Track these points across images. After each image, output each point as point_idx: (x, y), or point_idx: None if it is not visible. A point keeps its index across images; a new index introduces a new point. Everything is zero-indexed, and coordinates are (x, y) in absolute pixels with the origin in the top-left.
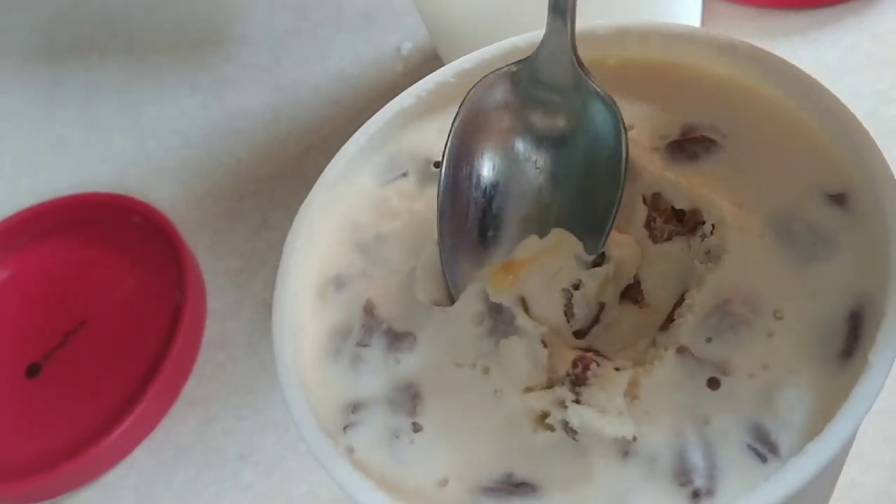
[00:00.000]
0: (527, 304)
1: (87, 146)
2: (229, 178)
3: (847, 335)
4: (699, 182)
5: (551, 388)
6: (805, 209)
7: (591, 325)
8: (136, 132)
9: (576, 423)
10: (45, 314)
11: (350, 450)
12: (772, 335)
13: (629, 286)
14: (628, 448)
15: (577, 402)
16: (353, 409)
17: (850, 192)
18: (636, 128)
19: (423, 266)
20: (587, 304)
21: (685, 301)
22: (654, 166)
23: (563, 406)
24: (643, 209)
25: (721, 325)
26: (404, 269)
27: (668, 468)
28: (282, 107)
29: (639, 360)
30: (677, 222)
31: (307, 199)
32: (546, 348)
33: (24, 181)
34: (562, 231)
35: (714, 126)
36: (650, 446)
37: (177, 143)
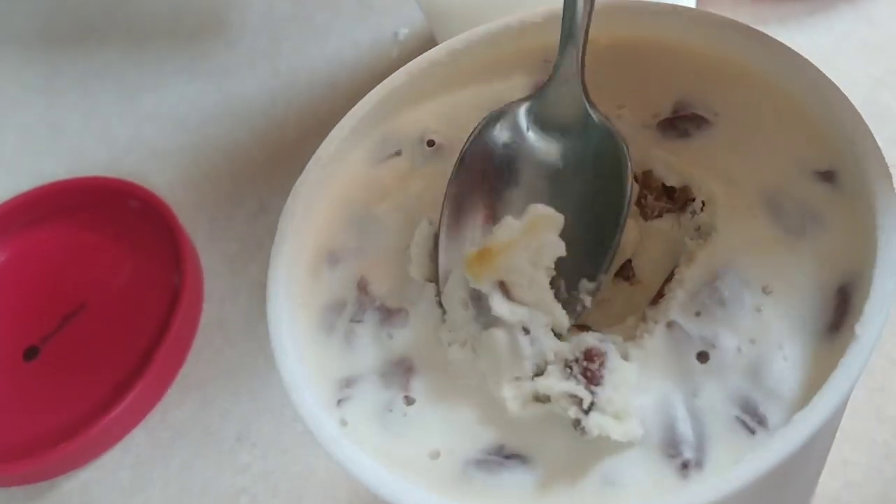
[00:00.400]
0: (507, 289)
1: (86, 131)
2: (227, 163)
3: (835, 309)
4: (690, 159)
5: (541, 374)
6: (794, 186)
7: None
8: (135, 117)
9: (594, 433)
10: (44, 298)
11: (343, 423)
12: (760, 310)
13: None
14: None
15: (593, 404)
16: (347, 384)
17: (839, 169)
18: (628, 106)
19: (416, 244)
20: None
21: (675, 276)
22: (645, 144)
23: (576, 402)
24: (634, 187)
25: (710, 300)
26: (397, 246)
27: (657, 440)
28: (280, 92)
29: (629, 335)
30: (668, 199)
31: (301, 178)
32: (528, 334)
33: (23, 166)
34: (537, 207)
35: (705, 104)
36: (640, 418)
37: (175, 128)
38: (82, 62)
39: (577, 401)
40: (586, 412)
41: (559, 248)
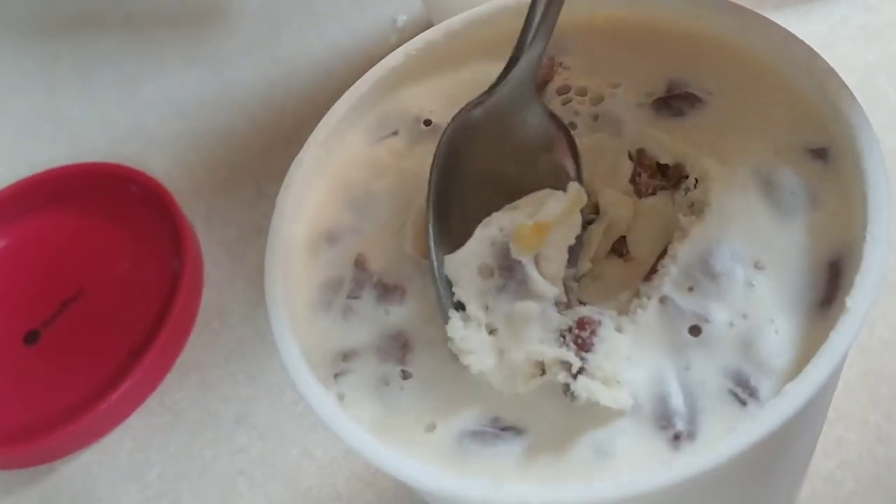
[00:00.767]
0: (538, 262)
1: (85, 118)
2: (226, 150)
3: (826, 284)
4: (684, 137)
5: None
6: (786, 163)
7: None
8: (134, 104)
9: (582, 397)
10: (44, 282)
11: (341, 396)
12: (752, 285)
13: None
14: None
15: (583, 369)
16: (344, 358)
17: (831, 146)
18: (623, 85)
19: (413, 221)
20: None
21: (668, 252)
22: (639, 122)
23: (566, 367)
24: (628, 164)
25: (703, 276)
26: (395, 224)
27: (650, 412)
28: (278, 79)
29: (623, 310)
30: (662, 177)
31: (299, 156)
32: (559, 312)
33: (23, 153)
34: (575, 185)
35: (699, 83)
36: (633, 392)
37: (174, 115)
38: (82, 49)
39: (567, 366)
40: (575, 377)
41: (579, 227)
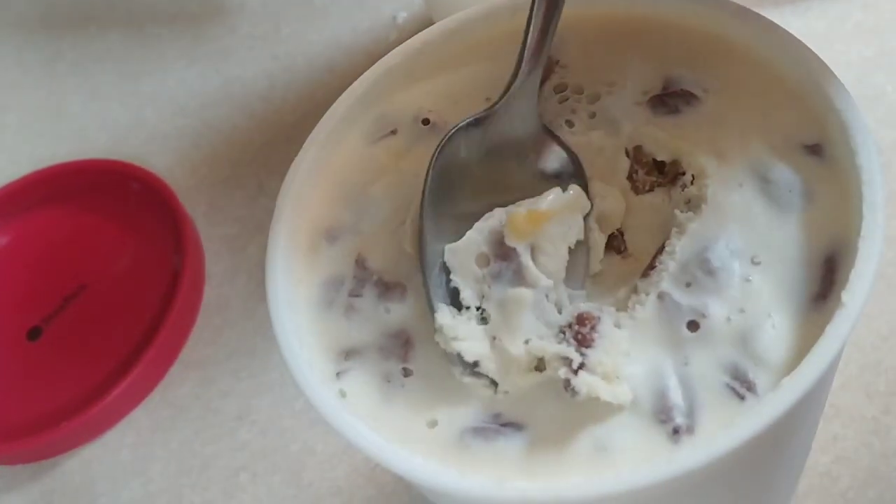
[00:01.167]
0: (535, 254)
1: (87, 115)
2: (226, 146)
3: (822, 279)
4: (680, 135)
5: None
6: (782, 159)
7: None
8: (135, 101)
9: (583, 392)
10: (46, 279)
11: (343, 394)
12: (749, 280)
13: (612, 237)
14: None
15: (583, 365)
16: (346, 356)
17: (826, 143)
18: (618, 83)
19: (412, 220)
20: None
21: (666, 249)
22: (636, 120)
23: (566, 363)
24: (625, 161)
25: (700, 271)
26: (394, 223)
27: (648, 407)
28: (278, 76)
29: (621, 307)
30: (658, 174)
31: (299, 156)
32: (550, 303)
33: (25, 149)
34: (578, 188)
35: (695, 80)
36: (632, 387)
37: (175, 111)
38: (83, 46)
39: (568, 362)
40: (575, 372)
41: (580, 232)
